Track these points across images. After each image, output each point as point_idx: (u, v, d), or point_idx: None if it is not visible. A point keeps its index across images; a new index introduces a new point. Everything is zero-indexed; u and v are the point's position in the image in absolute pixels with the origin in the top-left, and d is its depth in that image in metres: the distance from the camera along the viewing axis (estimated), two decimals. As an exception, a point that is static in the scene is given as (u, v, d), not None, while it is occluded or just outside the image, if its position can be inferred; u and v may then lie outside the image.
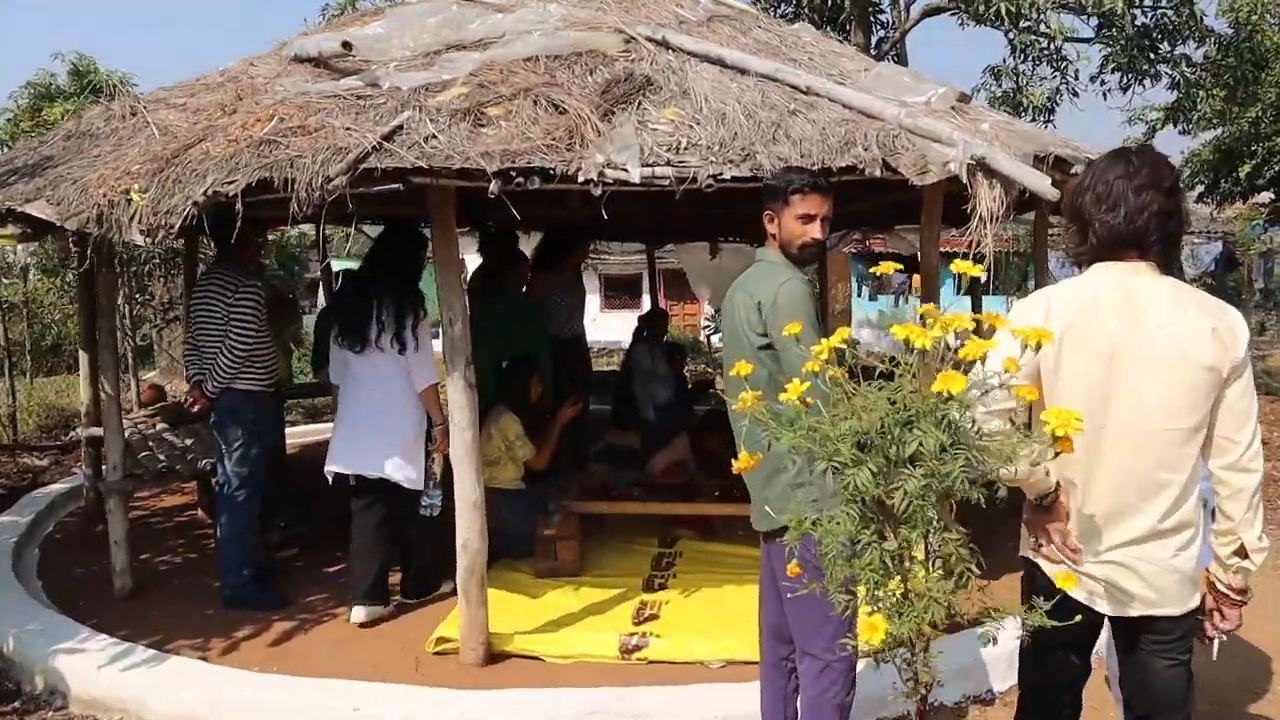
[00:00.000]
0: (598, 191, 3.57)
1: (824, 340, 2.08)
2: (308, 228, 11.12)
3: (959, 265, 2.16)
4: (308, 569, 5.78)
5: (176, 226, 3.72)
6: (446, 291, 4.12)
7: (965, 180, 3.86)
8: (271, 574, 5.45)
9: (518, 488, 5.68)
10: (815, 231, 3.10)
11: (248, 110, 4.30)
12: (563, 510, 5.50)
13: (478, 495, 4.24)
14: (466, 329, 4.17)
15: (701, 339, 18.05)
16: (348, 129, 3.81)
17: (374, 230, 5.72)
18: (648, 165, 3.69)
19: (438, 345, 4.38)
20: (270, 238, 10.86)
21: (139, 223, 3.71)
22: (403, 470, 4.82)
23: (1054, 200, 3.77)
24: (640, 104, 4.20)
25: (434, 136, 3.74)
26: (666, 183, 3.67)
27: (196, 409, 5.05)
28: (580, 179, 3.57)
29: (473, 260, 6.79)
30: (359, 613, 4.82)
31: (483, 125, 3.90)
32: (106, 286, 5.12)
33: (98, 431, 6.19)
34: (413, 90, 4.19)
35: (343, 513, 4.98)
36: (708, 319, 17.45)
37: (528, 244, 8.19)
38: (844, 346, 2.08)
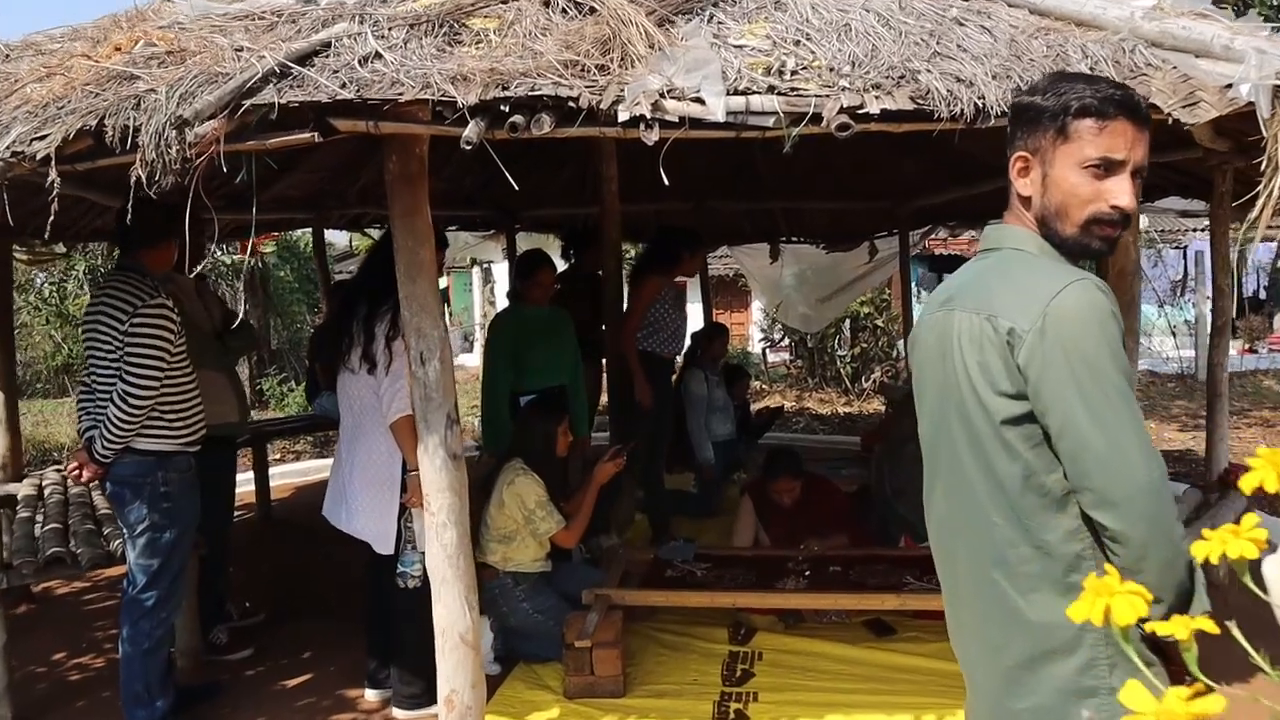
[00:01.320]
0: (653, 137, 2.05)
1: None
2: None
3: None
4: (272, 674, 4.32)
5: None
6: (414, 311, 2.63)
7: (1264, 115, 2.29)
8: (207, 697, 3.99)
9: (540, 571, 4.17)
10: (1121, 193, 1.56)
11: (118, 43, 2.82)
12: (602, 605, 3.98)
13: (467, 624, 2.74)
14: (448, 369, 2.67)
15: (754, 349, 16.41)
16: (239, 50, 2.30)
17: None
18: (738, 94, 2.15)
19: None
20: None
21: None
22: (370, 526, 3.54)
23: None
24: (712, 17, 2.67)
25: (377, 56, 2.24)
26: (770, 122, 2.14)
27: (84, 479, 3.59)
28: (622, 114, 2.06)
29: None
30: (370, 694, 3.96)
31: (460, 42, 2.38)
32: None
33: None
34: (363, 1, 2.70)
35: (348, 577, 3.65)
36: (763, 331, 15.79)
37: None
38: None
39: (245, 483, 7.59)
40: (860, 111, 2.22)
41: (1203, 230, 14.94)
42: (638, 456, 5.79)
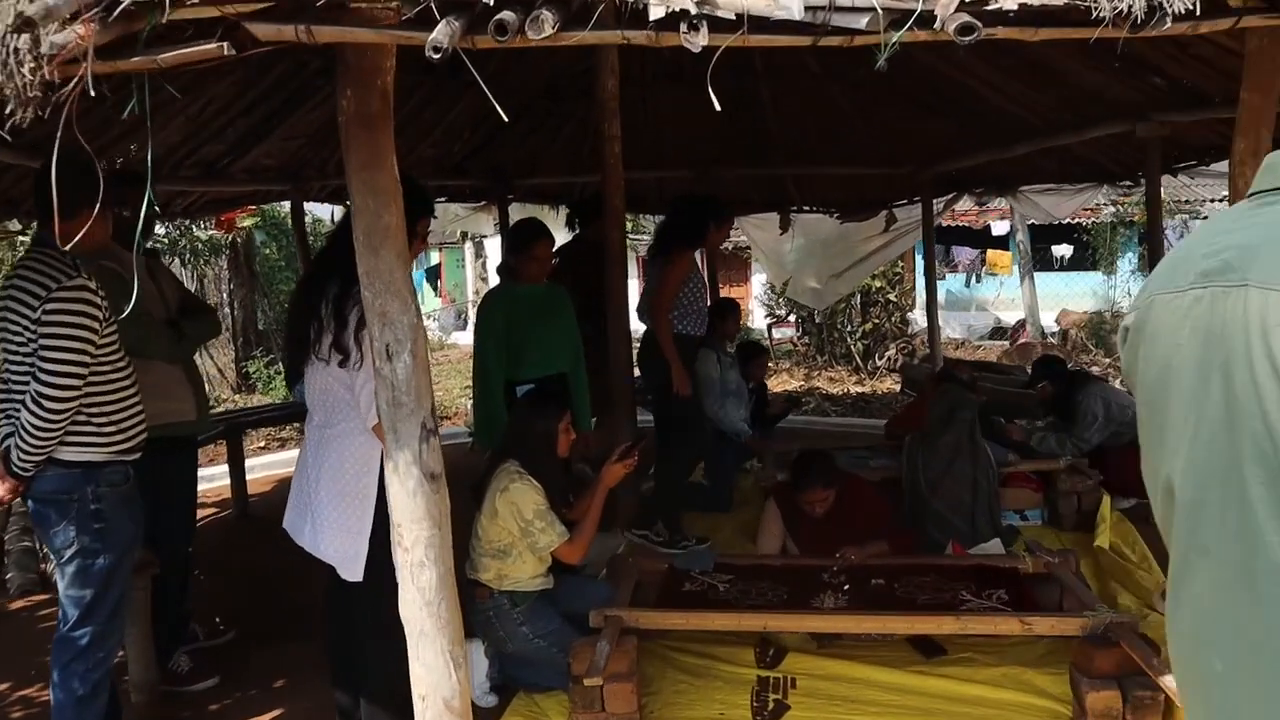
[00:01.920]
0: (699, 41, 1.48)
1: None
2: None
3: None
4: (239, 709, 3.78)
5: None
6: (377, 291, 2.06)
7: None
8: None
9: (541, 589, 3.63)
10: None
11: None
12: (614, 629, 3.44)
13: (453, 687, 2.18)
14: (423, 367, 2.10)
15: (756, 325, 15.83)
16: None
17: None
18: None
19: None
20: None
21: None
22: (336, 546, 2.96)
23: None
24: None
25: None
26: (863, 22, 1.57)
27: (2, 496, 3.02)
28: (655, 10, 1.48)
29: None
30: None
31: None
32: None
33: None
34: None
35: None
36: (766, 306, 15.20)
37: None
38: None
39: (219, 477, 7.05)
40: (990, 9, 1.64)
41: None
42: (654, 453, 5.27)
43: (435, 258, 24.03)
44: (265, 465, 7.93)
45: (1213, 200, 13.98)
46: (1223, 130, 5.74)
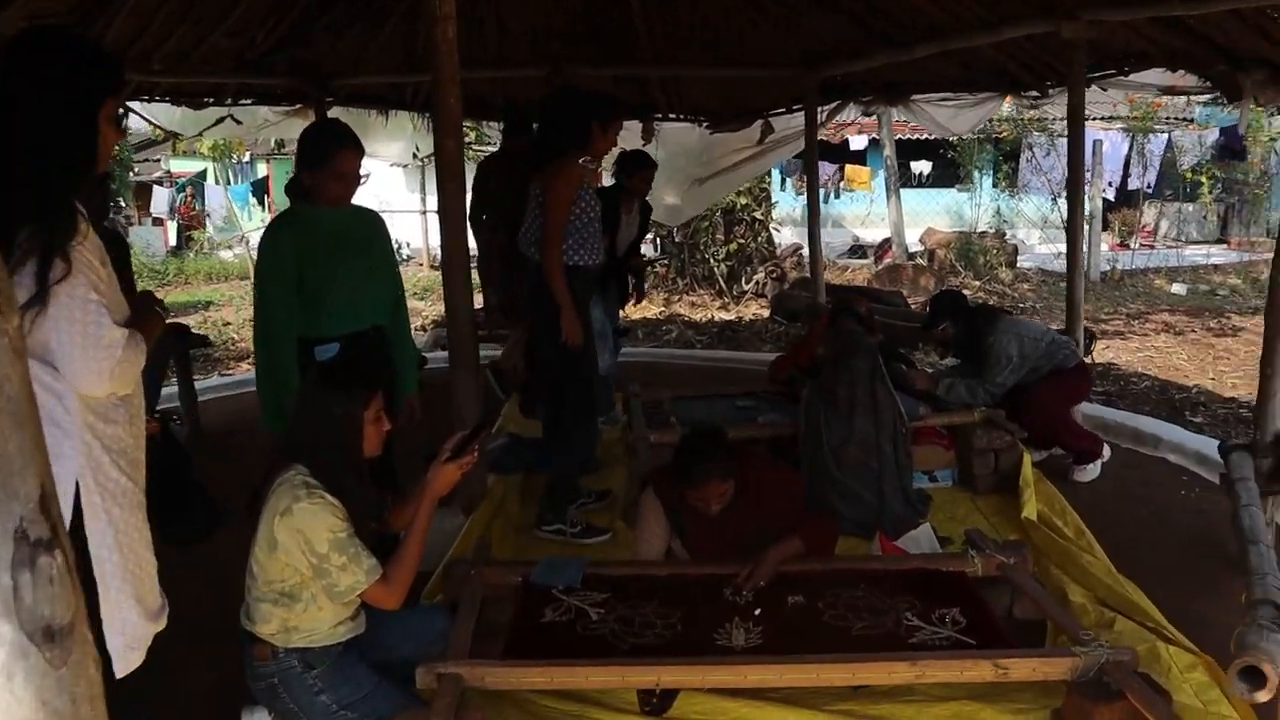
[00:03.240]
0: None
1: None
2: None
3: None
4: None
5: None
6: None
7: None
8: None
9: (347, 638, 2.59)
10: None
11: None
12: (450, 691, 2.46)
13: None
14: (23, 418, 1.00)
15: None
16: None
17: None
18: None
19: None
20: None
21: None
22: None
23: None
24: None
25: None
26: None
27: None
28: None
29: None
30: None
31: None
32: None
33: None
34: None
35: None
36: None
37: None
38: None
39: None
40: None
41: (1102, 119, 14.06)
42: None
43: (262, 170, 21.87)
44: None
45: (1094, 119, 13.64)
46: (1154, 35, 5.01)
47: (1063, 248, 13.27)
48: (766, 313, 10.49)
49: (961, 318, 5.09)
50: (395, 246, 3.80)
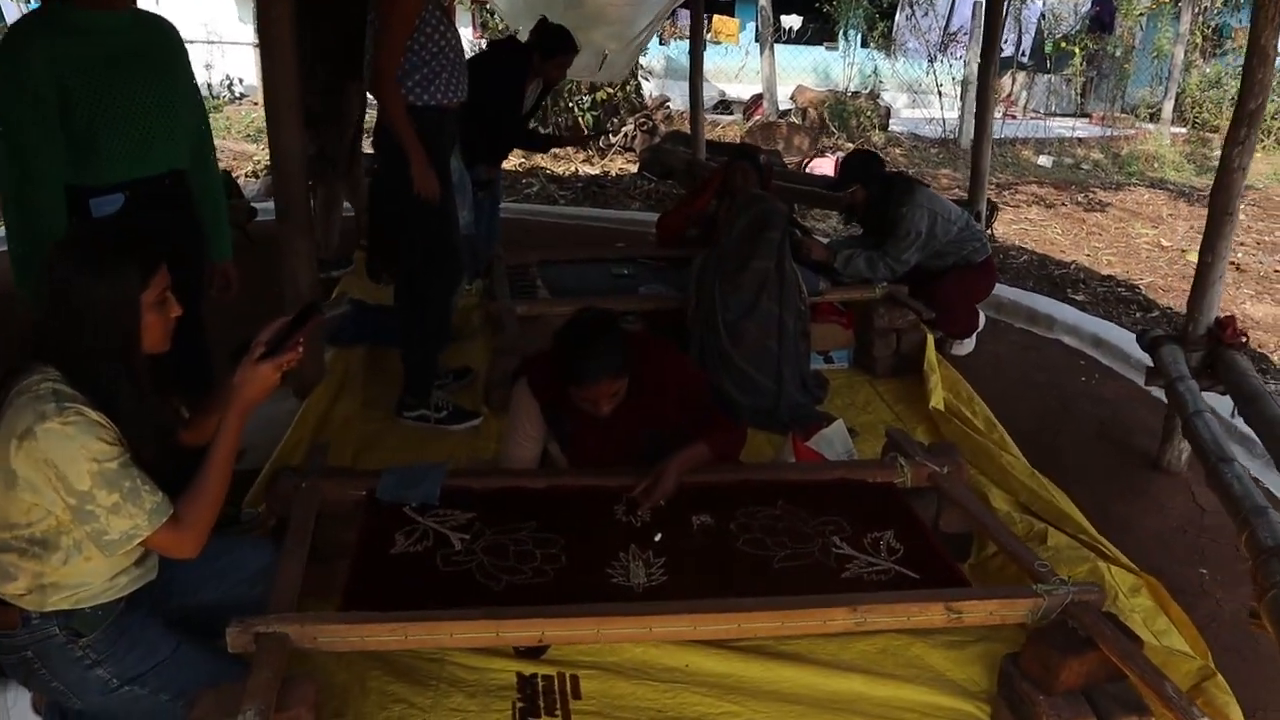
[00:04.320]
0: None
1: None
2: None
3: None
4: None
5: None
6: None
7: None
8: None
9: (128, 593, 1.94)
10: None
11: None
12: (272, 656, 1.88)
13: None
14: None
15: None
16: None
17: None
18: None
19: None
20: None
21: None
22: None
23: None
24: None
25: None
26: None
27: None
28: None
29: None
30: None
31: None
32: None
33: None
34: None
35: None
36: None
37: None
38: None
39: None
40: None
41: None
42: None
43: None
44: None
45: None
46: None
47: (933, 113, 13.07)
48: (635, 168, 9.82)
49: (874, 182, 4.57)
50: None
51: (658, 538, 2.44)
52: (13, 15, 15.51)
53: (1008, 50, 13.25)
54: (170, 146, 2.58)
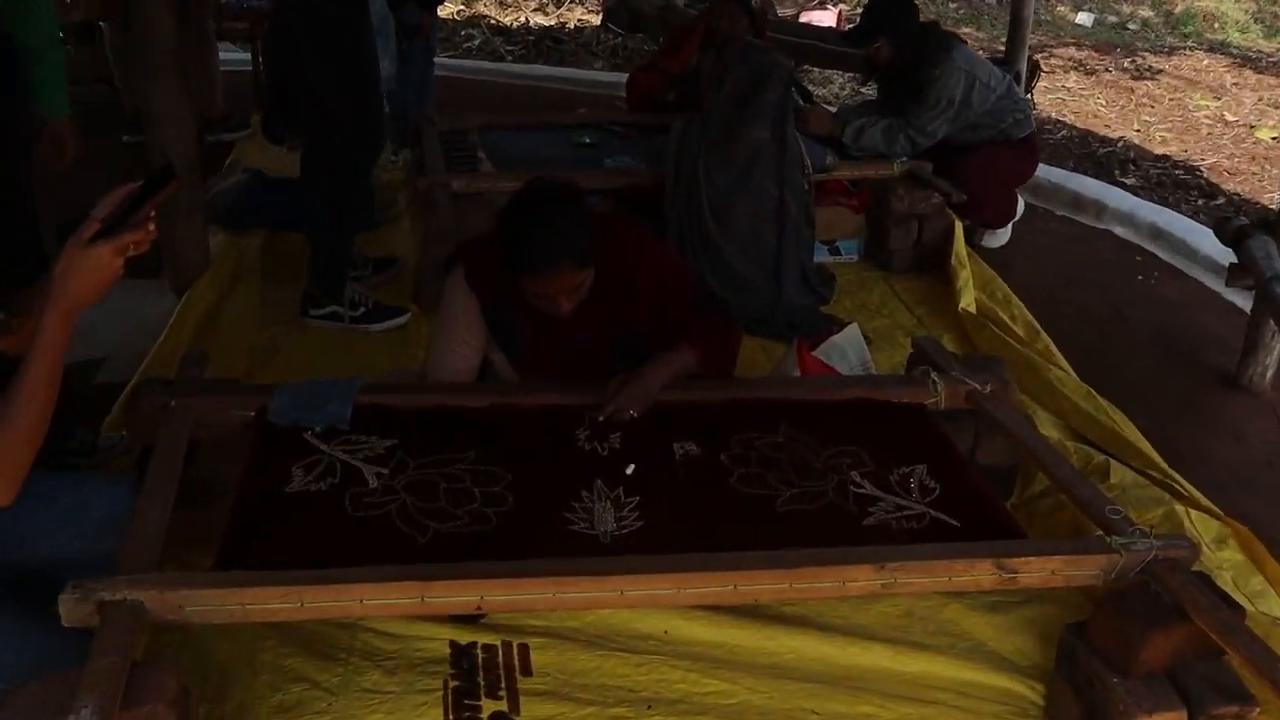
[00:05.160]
0: None
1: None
2: None
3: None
4: None
5: None
6: None
7: None
8: None
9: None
10: None
11: None
12: (122, 632, 1.64)
13: None
14: None
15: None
16: None
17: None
18: None
19: None
20: None
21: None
22: None
23: None
24: None
25: None
26: None
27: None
28: None
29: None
30: None
31: None
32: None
33: None
34: None
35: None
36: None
37: None
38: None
39: None
40: None
41: None
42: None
43: None
44: None
45: None
46: None
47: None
48: (598, 18, 9.44)
49: (905, 36, 4.25)
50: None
51: (630, 470, 2.20)
52: None
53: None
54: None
